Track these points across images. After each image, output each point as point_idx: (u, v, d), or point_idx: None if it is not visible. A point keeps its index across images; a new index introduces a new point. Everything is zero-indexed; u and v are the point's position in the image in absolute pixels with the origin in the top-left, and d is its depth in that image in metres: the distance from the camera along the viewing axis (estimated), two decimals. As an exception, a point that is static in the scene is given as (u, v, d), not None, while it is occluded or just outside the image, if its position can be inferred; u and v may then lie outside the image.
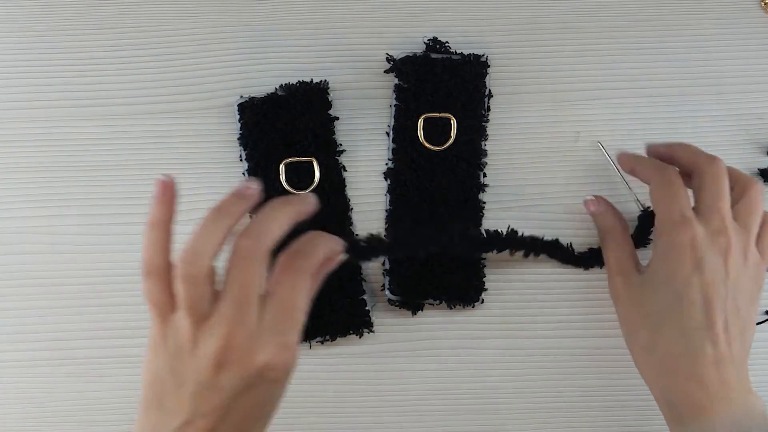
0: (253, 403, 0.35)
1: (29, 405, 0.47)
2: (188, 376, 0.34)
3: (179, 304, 0.34)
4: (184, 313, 0.34)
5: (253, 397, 0.34)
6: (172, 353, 0.34)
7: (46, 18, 0.51)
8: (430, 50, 0.49)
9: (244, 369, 0.33)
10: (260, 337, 0.34)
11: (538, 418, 0.48)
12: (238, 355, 0.33)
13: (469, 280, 0.47)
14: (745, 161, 0.50)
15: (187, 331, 0.34)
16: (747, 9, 0.52)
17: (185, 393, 0.34)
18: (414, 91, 0.48)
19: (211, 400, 0.34)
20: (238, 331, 0.33)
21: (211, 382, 0.33)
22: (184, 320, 0.34)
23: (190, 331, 0.34)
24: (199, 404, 0.34)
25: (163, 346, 0.35)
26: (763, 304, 0.49)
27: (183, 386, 0.34)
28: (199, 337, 0.34)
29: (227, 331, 0.33)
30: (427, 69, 0.48)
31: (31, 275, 0.48)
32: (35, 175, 0.49)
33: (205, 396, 0.34)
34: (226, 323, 0.33)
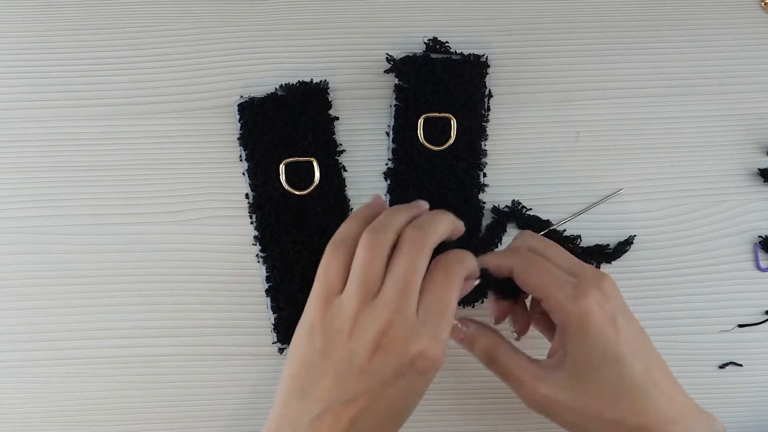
0: (397, 393, 0.35)
1: (28, 405, 0.47)
2: (340, 359, 0.35)
3: (350, 281, 0.36)
4: (353, 289, 0.35)
5: (399, 387, 0.35)
6: (329, 335, 0.35)
7: (46, 18, 0.51)
8: (430, 50, 0.49)
9: (398, 355, 0.34)
10: (416, 327, 0.34)
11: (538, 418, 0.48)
12: (395, 340, 0.34)
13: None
14: (745, 161, 0.50)
15: (353, 309, 0.35)
16: (747, 9, 0.52)
17: (332, 379, 0.35)
18: (414, 91, 0.48)
19: (358, 385, 0.34)
20: (398, 318, 0.34)
21: (364, 366, 0.34)
22: (349, 300, 0.35)
23: (354, 310, 0.35)
24: (345, 390, 0.34)
25: (320, 327, 0.36)
26: (762, 304, 0.49)
27: (331, 372, 0.35)
28: (361, 318, 0.35)
29: (389, 316, 0.34)
30: (427, 69, 0.48)
31: (31, 275, 0.48)
32: (35, 175, 0.49)
33: (353, 380, 0.34)
34: (389, 307, 0.34)
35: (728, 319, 0.48)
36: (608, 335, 0.37)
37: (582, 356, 0.37)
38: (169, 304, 0.48)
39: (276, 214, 0.47)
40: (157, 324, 0.48)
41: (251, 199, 0.48)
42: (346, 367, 0.35)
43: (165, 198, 0.49)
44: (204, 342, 0.48)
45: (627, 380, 0.37)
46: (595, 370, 0.37)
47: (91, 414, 0.47)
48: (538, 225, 0.48)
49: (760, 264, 0.49)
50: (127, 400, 0.47)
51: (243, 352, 0.48)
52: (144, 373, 0.47)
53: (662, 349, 0.48)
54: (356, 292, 0.35)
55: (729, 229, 0.49)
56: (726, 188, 0.49)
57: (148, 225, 0.48)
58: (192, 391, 0.47)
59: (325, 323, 0.36)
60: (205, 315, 0.48)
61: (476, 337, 0.40)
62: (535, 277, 0.38)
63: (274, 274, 0.47)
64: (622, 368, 0.37)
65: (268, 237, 0.47)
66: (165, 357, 0.47)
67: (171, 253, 0.48)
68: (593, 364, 0.37)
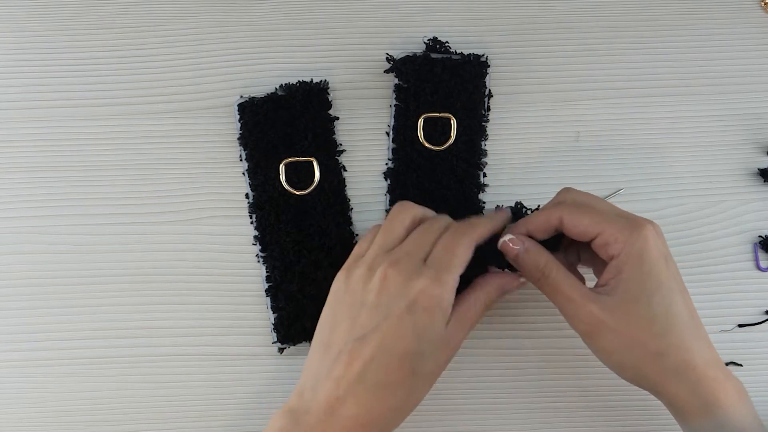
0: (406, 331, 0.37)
1: (28, 405, 0.47)
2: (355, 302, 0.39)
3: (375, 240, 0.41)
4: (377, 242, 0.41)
5: (406, 325, 0.37)
6: (349, 284, 0.40)
7: (46, 18, 0.51)
8: (430, 50, 0.49)
9: (402, 290, 0.37)
10: (419, 267, 0.38)
11: (538, 418, 0.48)
12: (399, 278, 0.38)
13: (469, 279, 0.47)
14: (745, 161, 0.50)
15: (371, 256, 0.40)
16: (747, 9, 0.52)
17: (347, 322, 0.38)
18: (414, 91, 0.48)
19: (368, 321, 0.37)
20: (406, 259, 0.38)
21: (373, 302, 0.38)
22: (370, 252, 0.40)
23: (372, 256, 0.40)
24: (357, 328, 0.37)
25: (344, 281, 0.40)
26: (762, 304, 0.49)
27: (347, 316, 0.38)
28: (376, 262, 0.39)
29: (397, 258, 0.39)
30: (427, 69, 0.48)
31: (31, 275, 0.48)
32: (34, 175, 0.49)
33: (364, 317, 0.38)
34: (400, 251, 0.39)
35: (728, 319, 0.48)
36: (662, 267, 0.38)
37: (636, 283, 0.37)
38: (169, 304, 0.48)
39: (276, 214, 0.47)
40: (157, 324, 0.48)
41: (251, 199, 0.48)
42: (358, 307, 0.38)
43: (165, 198, 0.49)
44: (204, 342, 0.48)
45: (675, 315, 0.37)
46: (648, 298, 0.37)
47: (90, 414, 0.47)
48: None
49: (760, 264, 0.49)
50: (126, 400, 0.47)
51: (243, 352, 0.48)
52: (144, 373, 0.47)
53: (662, 349, 0.48)
54: (378, 241, 0.41)
55: (729, 229, 0.49)
56: (726, 188, 0.50)
57: (148, 225, 0.48)
58: (192, 391, 0.47)
59: (347, 276, 0.40)
60: (205, 315, 0.48)
61: (530, 252, 0.40)
62: (588, 218, 0.39)
63: (274, 274, 0.47)
64: (672, 302, 0.37)
65: (268, 237, 0.47)
66: (165, 357, 0.47)
67: (171, 253, 0.48)
68: (646, 292, 0.37)
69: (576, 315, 0.38)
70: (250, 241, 0.48)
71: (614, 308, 0.38)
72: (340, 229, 0.48)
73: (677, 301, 0.37)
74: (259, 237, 0.48)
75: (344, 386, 0.36)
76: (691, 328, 0.38)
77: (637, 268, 0.37)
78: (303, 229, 0.47)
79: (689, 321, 0.38)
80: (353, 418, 0.36)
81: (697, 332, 0.38)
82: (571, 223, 0.39)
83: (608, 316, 0.37)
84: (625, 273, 0.38)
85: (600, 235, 0.38)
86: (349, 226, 0.48)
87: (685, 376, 0.37)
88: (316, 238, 0.47)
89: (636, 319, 0.37)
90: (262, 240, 0.47)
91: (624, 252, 0.38)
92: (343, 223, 0.48)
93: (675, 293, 0.38)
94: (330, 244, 0.47)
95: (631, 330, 0.37)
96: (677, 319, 0.37)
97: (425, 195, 0.47)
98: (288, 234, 0.47)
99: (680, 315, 0.37)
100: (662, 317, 0.37)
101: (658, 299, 0.37)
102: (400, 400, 0.37)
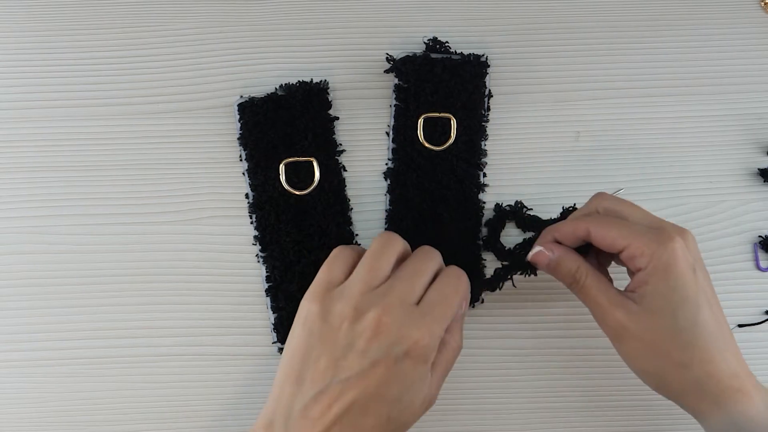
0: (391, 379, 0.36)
1: (28, 405, 0.47)
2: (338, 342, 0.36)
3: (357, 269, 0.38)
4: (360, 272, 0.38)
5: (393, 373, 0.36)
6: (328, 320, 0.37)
7: (46, 18, 0.51)
8: (430, 50, 0.49)
9: (394, 339, 0.36)
10: (414, 316, 0.36)
11: (538, 418, 0.48)
12: (393, 324, 0.36)
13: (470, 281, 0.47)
14: (745, 161, 0.50)
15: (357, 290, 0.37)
16: (747, 9, 0.52)
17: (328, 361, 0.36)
18: (414, 91, 0.48)
19: (353, 365, 0.35)
20: (399, 304, 0.36)
21: (361, 348, 0.36)
22: (354, 284, 0.37)
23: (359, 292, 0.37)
24: (340, 370, 0.36)
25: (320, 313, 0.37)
26: (762, 304, 0.49)
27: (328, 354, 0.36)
28: (364, 301, 0.37)
29: (390, 302, 0.36)
30: (427, 69, 0.48)
31: (31, 275, 0.48)
32: (34, 175, 0.49)
33: (350, 361, 0.36)
34: (392, 293, 0.37)
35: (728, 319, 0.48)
36: (689, 280, 0.37)
37: (662, 295, 0.37)
38: (169, 304, 0.48)
39: (276, 214, 0.47)
40: (157, 324, 0.48)
41: (251, 199, 0.48)
42: (343, 348, 0.36)
43: (165, 198, 0.49)
44: (204, 342, 0.48)
45: (701, 327, 0.37)
46: (674, 310, 0.37)
47: (90, 414, 0.47)
48: (539, 225, 0.48)
49: (760, 264, 0.49)
50: (127, 400, 0.47)
51: (243, 352, 0.48)
52: (144, 373, 0.47)
53: (662, 349, 0.48)
54: (362, 276, 0.38)
55: (729, 229, 0.49)
56: (726, 188, 0.50)
57: (148, 225, 0.48)
58: (192, 391, 0.47)
59: (325, 308, 0.37)
60: (205, 315, 0.48)
61: (562, 260, 0.41)
62: (615, 230, 0.39)
63: (274, 274, 0.47)
64: (698, 314, 0.37)
65: (268, 237, 0.47)
66: (165, 357, 0.47)
67: (171, 253, 0.48)
68: (672, 304, 0.37)
69: (603, 319, 0.39)
70: (250, 241, 0.48)
71: (639, 316, 0.38)
72: (340, 229, 0.48)
73: (704, 313, 0.37)
74: (259, 237, 0.48)
75: (320, 428, 0.35)
76: (719, 340, 0.37)
77: (663, 281, 0.37)
78: (303, 229, 0.47)
79: (717, 333, 0.37)
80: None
81: (725, 344, 0.38)
82: (599, 235, 0.39)
83: (633, 324, 0.38)
84: (650, 285, 0.38)
85: (627, 248, 0.38)
86: (349, 226, 0.48)
87: (709, 387, 0.37)
88: (316, 238, 0.47)
89: (660, 330, 0.37)
90: (262, 240, 0.47)
91: (651, 266, 0.38)
92: (343, 223, 0.48)
93: (702, 306, 0.37)
94: (330, 244, 0.47)
95: (655, 340, 0.38)
96: (703, 331, 0.37)
97: (425, 195, 0.47)
98: (288, 234, 0.47)
99: (707, 327, 0.37)
100: (687, 330, 0.37)
101: (684, 312, 0.37)
102: None
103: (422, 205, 0.47)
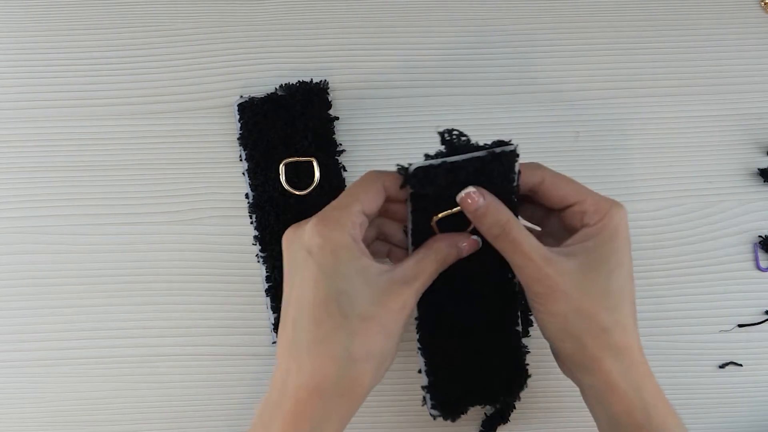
0: (311, 276, 0.35)
1: (28, 405, 0.47)
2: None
3: None
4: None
5: (310, 269, 0.35)
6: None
7: (46, 18, 0.51)
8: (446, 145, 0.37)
9: (297, 241, 0.36)
10: (312, 218, 0.37)
11: (538, 418, 0.48)
12: (293, 233, 0.37)
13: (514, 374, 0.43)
14: (745, 161, 0.50)
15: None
16: (746, 9, 0.52)
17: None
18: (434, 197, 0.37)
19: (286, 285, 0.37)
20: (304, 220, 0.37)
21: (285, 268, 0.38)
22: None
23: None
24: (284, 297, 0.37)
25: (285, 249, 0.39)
26: (762, 304, 0.49)
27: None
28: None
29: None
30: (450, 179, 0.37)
31: (30, 275, 0.48)
32: (34, 175, 0.49)
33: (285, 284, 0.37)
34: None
35: (728, 319, 0.48)
36: (627, 247, 0.38)
37: (602, 254, 0.37)
38: (169, 304, 0.48)
39: (276, 214, 0.47)
40: (157, 324, 0.48)
41: (251, 199, 0.48)
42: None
43: (165, 198, 0.49)
44: (204, 342, 0.48)
45: (626, 296, 0.37)
46: (608, 272, 0.37)
47: (91, 414, 0.47)
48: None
49: (760, 264, 0.49)
50: (127, 400, 0.47)
51: (243, 352, 0.48)
52: (144, 373, 0.47)
53: (662, 349, 0.48)
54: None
55: (729, 229, 0.49)
56: (726, 188, 0.50)
57: (148, 225, 0.48)
58: (192, 391, 0.47)
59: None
60: (205, 315, 0.48)
61: (492, 207, 0.37)
62: (570, 185, 0.39)
63: (274, 274, 0.47)
64: (626, 283, 0.37)
65: (268, 237, 0.47)
66: (165, 357, 0.47)
67: (171, 253, 0.48)
68: (610, 265, 0.37)
69: (532, 274, 0.37)
70: (250, 241, 0.48)
71: (573, 274, 0.36)
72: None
73: (630, 285, 0.38)
74: (259, 237, 0.48)
75: (285, 356, 0.35)
76: (634, 314, 0.38)
77: (608, 242, 0.37)
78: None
79: (633, 307, 0.38)
80: (301, 386, 0.34)
81: (636, 320, 0.38)
82: (554, 185, 0.39)
83: (566, 281, 0.36)
84: (592, 242, 0.37)
85: (580, 203, 0.38)
86: (349, 226, 0.48)
87: (623, 356, 0.37)
88: (316, 238, 0.47)
89: (592, 289, 0.37)
90: (262, 240, 0.47)
91: (601, 223, 0.37)
92: (343, 223, 0.48)
93: (630, 278, 0.38)
94: (330, 244, 0.47)
95: (584, 299, 0.37)
96: (627, 299, 0.37)
97: (459, 307, 0.41)
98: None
99: (630, 297, 0.38)
100: (616, 293, 0.37)
101: (617, 276, 0.37)
102: (341, 350, 0.34)
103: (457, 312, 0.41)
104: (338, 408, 0.35)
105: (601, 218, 0.37)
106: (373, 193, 0.37)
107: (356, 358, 0.34)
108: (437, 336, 0.41)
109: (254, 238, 0.48)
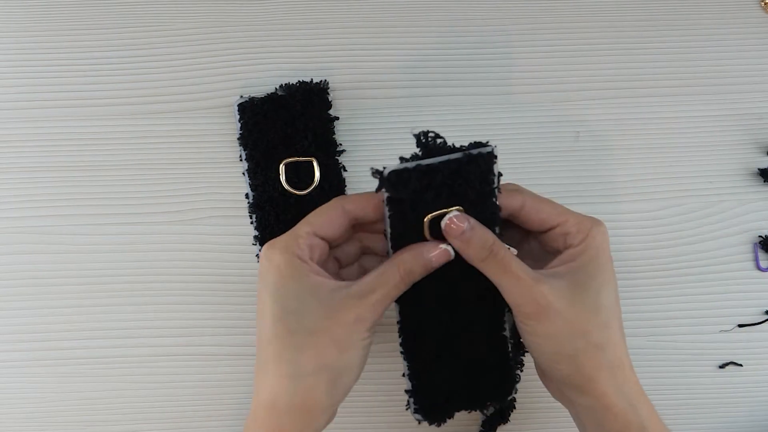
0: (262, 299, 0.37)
1: (28, 405, 0.47)
2: None
3: None
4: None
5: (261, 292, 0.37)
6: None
7: (46, 17, 0.51)
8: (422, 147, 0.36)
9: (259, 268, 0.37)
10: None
11: (538, 418, 0.48)
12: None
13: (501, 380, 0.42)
14: (745, 161, 0.50)
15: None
16: (747, 9, 0.52)
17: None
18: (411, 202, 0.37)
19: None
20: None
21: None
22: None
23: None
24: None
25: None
26: (762, 304, 0.49)
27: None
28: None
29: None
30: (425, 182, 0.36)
31: (31, 275, 0.48)
32: (34, 175, 0.49)
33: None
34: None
35: (728, 319, 0.48)
36: (611, 267, 0.38)
37: (588, 273, 0.37)
38: (169, 304, 0.48)
39: (276, 214, 0.47)
40: (157, 324, 0.48)
41: (251, 199, 0.48)
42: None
43: (165, 198, 0.49)
44: (204, 342, 0.48)
45: (616, 310, 0.38)
46: (597, 289, 0.37)
47: (90, 414, 0.47)
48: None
49: (760, 264, 0.49)
50: (126, 400, 0.47)
51: (242, 352, 0.48)
52: (144, 373, 0.47)
53: (662, 349, 0.48)
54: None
55: (729, 229, 0.49)
56: (726, 188, 0.50)
57: (147, 225, 0.48)
58: (192, 391, 0.47)
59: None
60: (205, 315, 0.48)
61: (478, 230, 0.36)
62: (551, 207, 0.39)
63: (274, 274, 0.47)
64: (615, 300, 0.38)
65: (268, 237, 0.47)
66: (165, 357, 0.47)
67: (171, 253, 0.48)
68: (597, 283, 0.37)
69: (524, 294, 0.36)
70: (250, 241, 0.48)
71: (564, 292, 0.36)
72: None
73: (617, 301, 0.38)
74: (259, 237, 0.48)
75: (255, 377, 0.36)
76: (622, 330, 0.38)
77: (594, 259, 0.37)
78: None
79: (621, 323, 0.38)
80: (260, 405, 0.36)
81: (624, 337, 0.38)
82: (534, 209, 0.38)
83: (557, 299, 0.36)
84: (578, 262, 0.37)
85: (562, 224, 0.38)
86: (349, 226, 0.48)
87: (617, 373, 0.37)
88: (316, 238, 0.47)
89: (583, 306, 0.36)
90: (262, 240, 0.47)
91: (584, 243, 0.37)
92: (343, 223, 0.48)
93: (617, 295, 0.38)
94: (330, 244, 0.47)
95: (577, 317, 0.36)
96: (615, 316, 0.38)
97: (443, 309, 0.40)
98: None
99: (617, 313, 0.38)
100: (606, 310, 0.37)
101: (606, 293, 0.37)
102: (290, 366, 0.35)
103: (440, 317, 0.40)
104: (294, 424, 0.35)
105: (584, 238, 0.38)
106: (329, 215, 0.38)
107: (305, 372, 0.35)
108: (419, 340, 0.40)
109: (254, 238, 0.48)
